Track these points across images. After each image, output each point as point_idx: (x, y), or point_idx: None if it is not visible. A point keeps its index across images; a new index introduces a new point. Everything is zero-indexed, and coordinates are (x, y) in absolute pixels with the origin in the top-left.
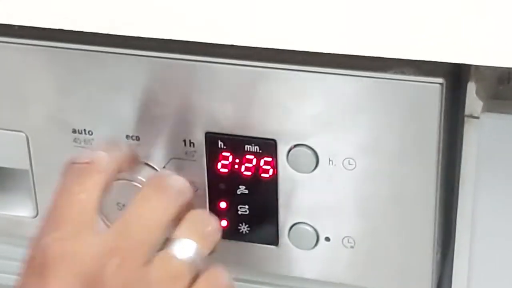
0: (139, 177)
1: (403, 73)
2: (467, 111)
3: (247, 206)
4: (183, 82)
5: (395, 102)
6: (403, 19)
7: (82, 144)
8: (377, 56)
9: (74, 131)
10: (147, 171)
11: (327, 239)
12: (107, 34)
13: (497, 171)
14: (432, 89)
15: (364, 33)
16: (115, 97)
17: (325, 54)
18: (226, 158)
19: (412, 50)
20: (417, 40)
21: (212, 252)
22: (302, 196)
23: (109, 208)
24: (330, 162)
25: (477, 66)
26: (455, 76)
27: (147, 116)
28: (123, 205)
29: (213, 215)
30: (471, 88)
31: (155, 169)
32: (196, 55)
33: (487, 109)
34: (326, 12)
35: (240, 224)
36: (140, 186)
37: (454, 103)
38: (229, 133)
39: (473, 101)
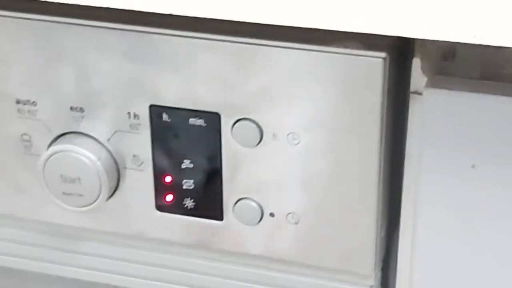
0: (82, 150)
1: (345, 46)
2: (412, 87)
3: (192, 181)
4: (126, 53)
5: (338, 77)
6: None
7: (26, 115)
8: (320, 29)
9: (17, 101)
10: (90, 143)
11: (272, 214)
12: (50, 2)
13: (440, 147)
14: (375, 63)
15: (307, 5)
16: (58, 67)
17: (269, 26)
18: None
19: (354, 23)
20: (360, 13)
21: None
22: (246, 171)
23: (53, 181)
24: (274, 137)
25: (421, 41)
26: (400, 52)
27: (91, 88)
28: (66, 177)
29: None
30: (416, 64)
31: (98, 141)
32: (138, 25)
33: (431, 85)
34: None
35: (185, 199)
36: (83, 159)
37: (401, 79)
38: (174, 106)
39: (417, 77)
